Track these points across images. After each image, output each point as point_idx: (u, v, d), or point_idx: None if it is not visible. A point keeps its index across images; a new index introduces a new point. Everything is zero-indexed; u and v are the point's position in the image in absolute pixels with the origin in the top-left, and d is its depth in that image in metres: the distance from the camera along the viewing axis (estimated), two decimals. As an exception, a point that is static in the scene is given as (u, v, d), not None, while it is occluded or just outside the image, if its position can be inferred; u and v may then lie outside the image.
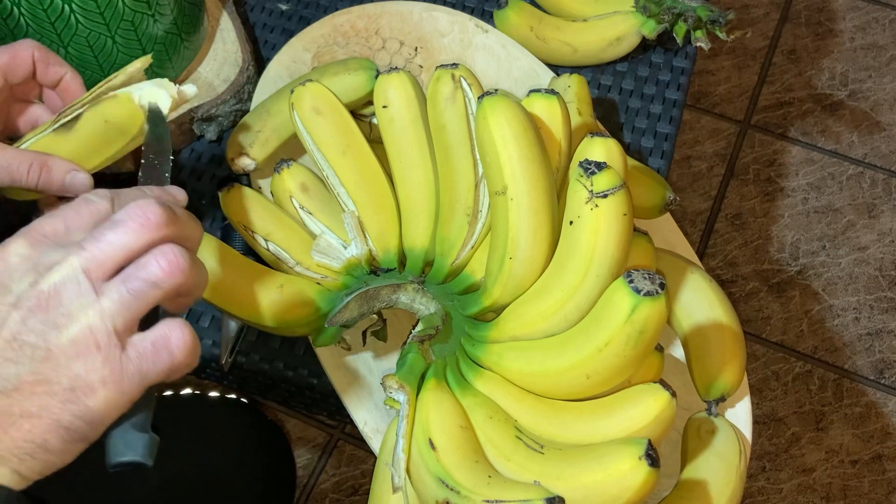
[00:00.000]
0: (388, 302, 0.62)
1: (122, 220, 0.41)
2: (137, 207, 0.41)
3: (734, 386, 0.63)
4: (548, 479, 0.52)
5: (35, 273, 0.40)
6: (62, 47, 0.66)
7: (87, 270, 0.40)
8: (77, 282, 0.39)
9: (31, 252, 0.40)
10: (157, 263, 0.41)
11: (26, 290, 0.39)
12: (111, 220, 0.41)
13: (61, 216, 0.42)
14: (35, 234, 0.41)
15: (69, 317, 0.39)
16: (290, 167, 0.66)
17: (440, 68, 0.67)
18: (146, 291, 0.40)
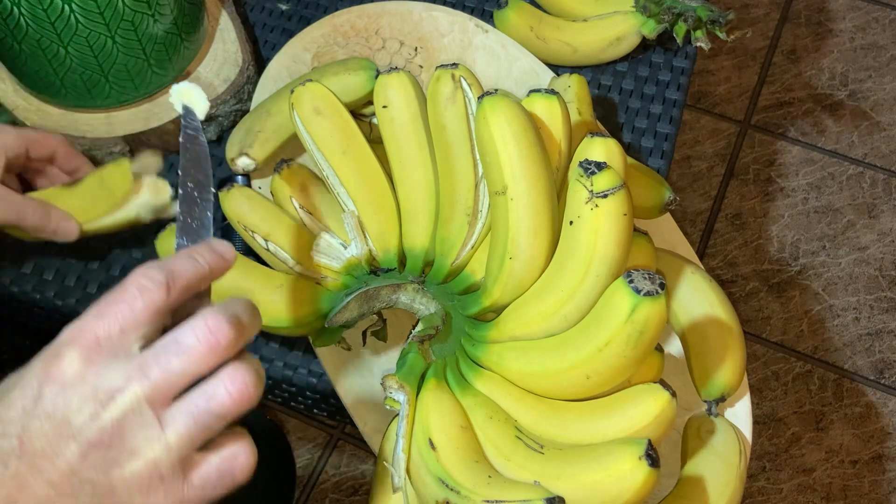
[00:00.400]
0: (388, 302, 0.62)
1: (191, 345, 0.38)
2: (206, 329, 0.38)
3: (734, 386, 0.63)
4: (548, 479, 0.52)
5: (95, 402, 0.37)
6: (62, 47, 0.66)
7: (150, 400, 0.37)
8: (140, 413, 0.37)
9: (85, 369, 0.37)
10: (226, 392, 0.38)
11: (86, 423, 0.37)
12: (176, 340, 0.38)
13: (113, 314, 0.38)
14: (86, 343, 0.38)
15: (133, 452, 0.37)
16: (290, 167, 0.66)
17: (440, 68, 0.67)
18: (213, 423, 0.38)
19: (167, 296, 0.39)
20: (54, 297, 0.70)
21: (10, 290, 0.70)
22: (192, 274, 0.40)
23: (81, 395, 0.37)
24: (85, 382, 0.37)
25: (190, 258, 0.41)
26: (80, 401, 0.37)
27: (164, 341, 0.38)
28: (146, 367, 0.37)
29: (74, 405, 0.37)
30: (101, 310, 0.38)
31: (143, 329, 0.38)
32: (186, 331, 0.38)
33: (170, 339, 0.38)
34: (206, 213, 0.46)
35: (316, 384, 0.67)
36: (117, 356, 0.38)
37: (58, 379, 0.37)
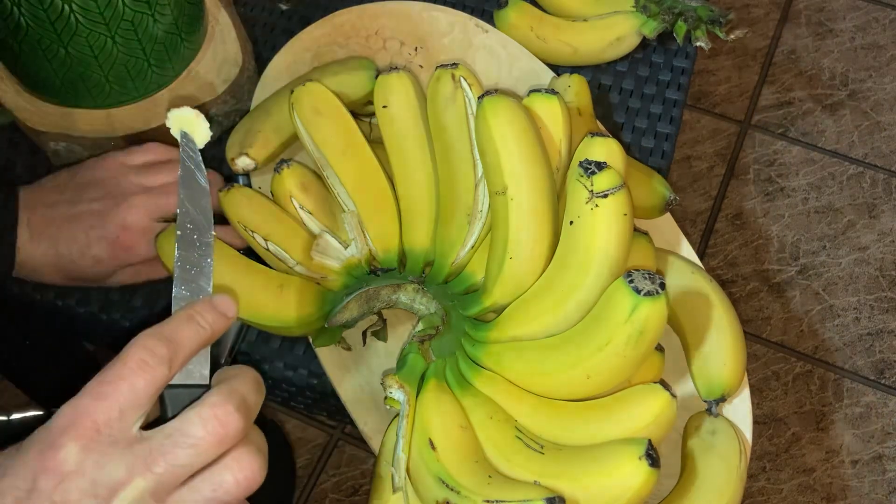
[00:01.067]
0: (388, 302, 0.62)
1: (199, 437, 0.36)
2: (216, 421, 0.36)
3: (734, 386, 0.63)
4: (548, 479, 0.52)
5: (93, 498, 0.35)
6: (62, 47, 0.66)
7: (154, 493, 0.35)
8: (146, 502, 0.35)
9: (85, 461, 0.35)
10: (234, 479, 0.37)
11: None
12: (184, 432, 0.36)
13: (112, 396, 0.36)
14: (85, 432, 0.35)
15: None
16: (290, 167, 0.66)
17: (440, 68, 0.66)
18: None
19: (169, 372, 0.37)
20: (54, 297, 0.70)
21: (10, 290, 0.70)
22: (196, 343, 0.39)
23: (80, 490, 0.35)
24: (84, 475, 0.35)
25: (192, 322, 0.39)
26: (79, 495, 0.35)
27: (169, 430, 0.36)
28: (151, 460, 0.36)
29: (73, 500, 0.35)
30: (100, 390, 0.36)
31: (143, 409, 0.37)
32: (194, 420, 0.36)
33: (176, 428, 0.36)
34: (205, 260, 0.44)
35: (316, 384, 0.67)
36: (117, 444, 0.36)
37: (55, 470, 0.35)
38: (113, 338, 0.72)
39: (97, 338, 0.73)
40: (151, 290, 0.70)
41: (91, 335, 0.73)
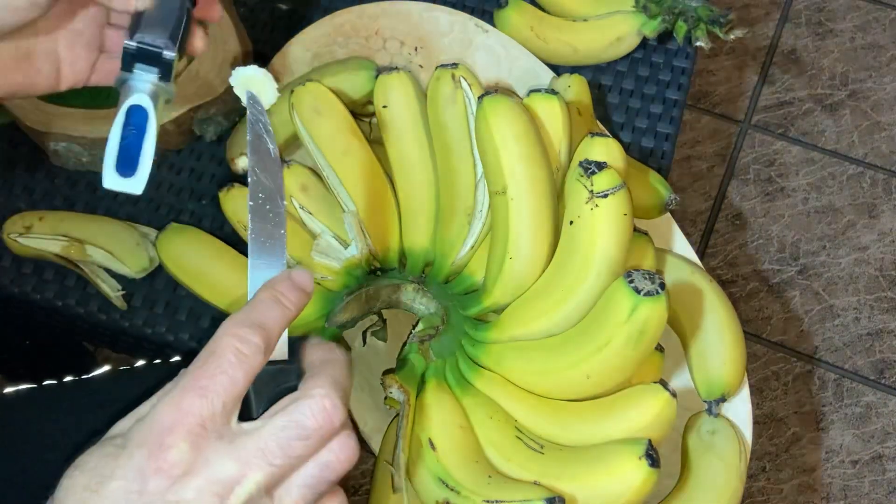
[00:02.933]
0: (388, 302, 0.62)
1: (313, 429, 0.37)
2: (326, 413, 0.37)
3: (734, 386, 0.63)
4: (548, 479, 0.52)
5: (211, 495, 0.35)
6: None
7: (269, 486, 0.36)
8: (260, 496, 0.36)
9: (195, 460, 0.35)
10: (337, 460, 0.38)
11: None
12: (299, 424, 0.36)
13: (214, 390, 0.36)
14: (191, 428, 0.35)
15: None
16: (290, 167, 0.66)
17: (440, 68, 0.66)
18: (325, 489, 0.38)
19: (264, 359, 0.37)
20: (54, 297, 0.70)
21: (10, 290, 0.70)
22: (284, 325, 0.39)
23: (196, 489, 0.35)
24: (197, 474, 0.35)
25: (279, 305, 0.39)
26: (195, 494, 0.35)
27: (282, 422, 0.36)
28: (269, 454, 0.36)
29: (189, 499, 0.34)
30: (201, 385, 0.36)
31: (240, 400, 0.37)
32: (306, 412, 0.37)
33: (291, 421, 0.36)
34: (279, 231, 0.43)
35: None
36: (222, 438, 0.36)
37: (166, 471, 0.34)
38: (113, 338, 0.72)
39: (97, 338, 0.73)
40: (151, 290, 0.70)
41: (91, 335, 0.73)
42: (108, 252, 0.68)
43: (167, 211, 0.73)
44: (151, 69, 0.48)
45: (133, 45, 0.48)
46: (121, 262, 0.68)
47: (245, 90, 0.47)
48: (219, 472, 0.35)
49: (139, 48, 0.48)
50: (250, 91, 0.47)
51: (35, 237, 0.68)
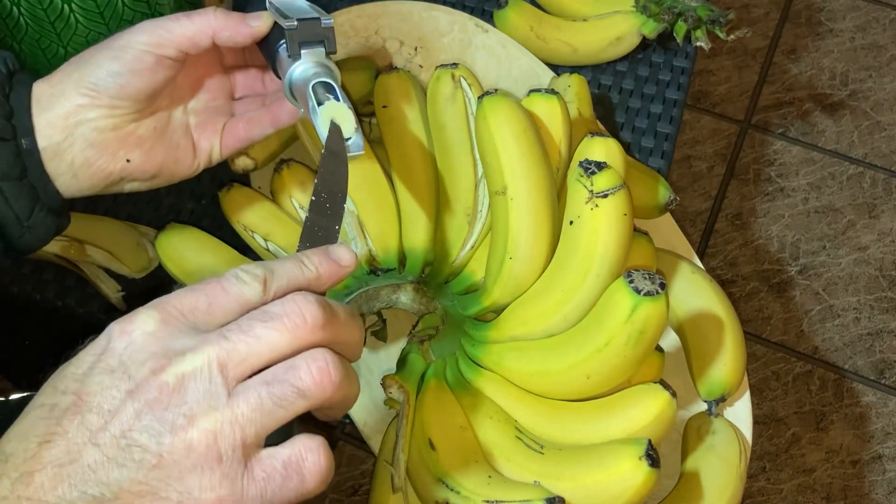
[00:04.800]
0: (388, 302, 0.62)
1: (276, 314, 0.35)
2: (294, 304, 0.36)
3: (734, 386, 0.63)
4: (548, 479, 0.52)
5: (161, 358, 0.34)
6: (62, 47, 0.66)
7: (222, 365, 0.34)
8: (209, 376, 0.34)
9: (161, 330, 0.35)
10: (308, 369, 0.35)
11: (146, 378, 0.34)
12: (262, 310, 0.36)
13: (204, 291, 0.36)
14: (169, 309, 0.35)
15: (191, 418, 0.33)
16: (290, 167, 0.66)
17: (440, 68, 0.66)
18: (290, 400, 0.35)
19: (262, 293, 0.37)
20: (54, 297, 0.70)
21: (10, 290, 0.70)
22: (294, 277, 0.38)
23: (148, 352, 0.34)
24: (157, 340, 0.35)
25: (297, 262, 0.38)
26: (146, 356, 0.34)
27: (249, 314, 0.36)
28: (227, 331, 0.35)
29: (139, 359, 0.34)
30: (193, 286, 0.36)
31: (230, 316, 0.36)
32: (273, 305, 0.36)
33: (257, 311, 0.36)
34: (333, 226, 0.44)
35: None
36: (197, 329, 0.35)
37: (128, 333, 0.35)
38: (113, 338, 0.71)
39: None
40: (150, 291, 0.70)
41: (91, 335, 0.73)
42: (107, 252, 0.68)
43: (167, 211, 0.73)
44: (317, 47, 0.50)
45: (294, 23, 0.49)
46: (121, 262, 0.68)
47: (329, 120, 0.49)
48: (177, 343, 0.35)
49: (299, 22, 0.49)
50: (334, 120, 0.49)
51: (35, 237, 0.68)
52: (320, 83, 0.49)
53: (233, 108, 0.57)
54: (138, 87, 0.49)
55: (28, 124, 0.49)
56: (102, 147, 0.50)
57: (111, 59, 0.49)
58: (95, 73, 0.49)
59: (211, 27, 0.49)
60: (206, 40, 0.50)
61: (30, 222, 0.50)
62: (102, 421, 0.34)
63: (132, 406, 0.34)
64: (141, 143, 0.52)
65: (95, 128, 0.49)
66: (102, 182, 0.51)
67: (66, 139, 0.49)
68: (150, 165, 0.53)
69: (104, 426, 0.34)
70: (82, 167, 0.50)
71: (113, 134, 0.50)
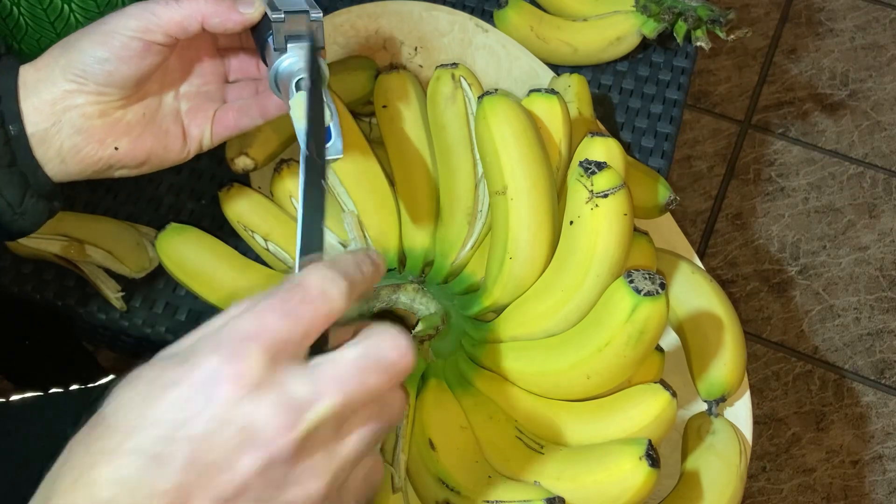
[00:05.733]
0: (388, 302, 0.62)
1: (390, 362, 0.34)
2: (401, 348, 0.34)
3: (734, 386, 0.63)
4: (548, 479, 0.52)
5: (286, 411, 0.32)
6: (62, 47, 0.66)
7: (339, 419, 0.33)
8: (329, 429, 0.33)
9: (273, 374, 0.32)
10: (397, 407, 0.36)
11: (275, 434, 0.32)
12: (378, 357, 0.34)
13: (300, 317, 0.33)
14: (272, 343, 0.32)
15: (315, 474, 0.33)
16: (290, 167, 0.66)
17: (440, 68, 0.66)
18: (381, 436, 0.35)
19: (344, 307, 0.35)
20: (54, 297, 0.70)
21: (9, 290, 0.70)
22: (362, 288, 0.36)
23: (269, 404, 0.32)
24: (270, 390, 0.32)
25: (359, 268, 0.36)
26: (268, 408, 0.32)
27: (360, 351, 0.34)
28: (345, 380, 0.33)
29: (262, 413, 0.32)
30: (285, 308, 0.33)
31: (315, 338, 0.34)
32: (386, 345, 0.34)
33: (370, 352, 0.34)
34: (321, 225, 0.42)
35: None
36: (298, 361, 0.33)
37: (238, 381, 0.32)
38: (112, 338, 0.71)
39: (97, 338, 0.73)
40: (151, 290, 0.70)
41: (91, 335, 0.73)
42: (107, 252, 0.68)
43: (167, 211, 0.73)
44: (304, 41, 0.49)
45: (282, 16, 0.48)
46: (121, 262, 0.68)
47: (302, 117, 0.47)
48: (292, 391, 0.32)
49: (287, 15, 0.48)
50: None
51: (34, 237, 0.68)
52: (304, 80, 0.48)
53: (225, 93, 0.56)
54: (126, 74, 0.48)
55: (15, 110, 0.48)
56: (90, 134, 0.49)
57: (98, 44, 0.48)
58: (82, 60, 0.48)
59: (200, 13, 0.48)
60: (195, 26, 0.48)
61: (21, 209, 0.49)
62: (221, 476, 0.32)
63: (255, 462, 0.32)
64: (129, 129, 0.51)
65: (83, 114, 0.49)
66: (91, 168, 0.51)
67: (53, 125, 0.48)
68: (139, 152, 0.52)
69: (224, 479, 0.32)
70: (70, 153, 0.49)
71: (101, 121, 0.49)
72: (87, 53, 0.48)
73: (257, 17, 0.50)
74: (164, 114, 0.53)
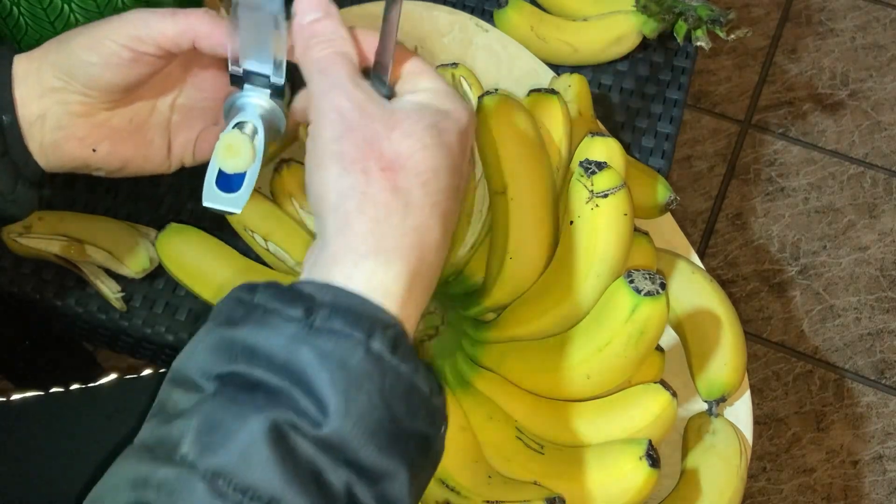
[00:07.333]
0: (388, 302, 0.62)
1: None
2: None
3: (735, 386, 0.63)
4: (548, 479, 0.52)
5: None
6: (62, 47, 0.66)
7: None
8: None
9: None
10: None
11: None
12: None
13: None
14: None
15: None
16: (290, 167, 0.66)
17: (440, 68, 0.66)
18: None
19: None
20: (54, 297, 0.70)
21: (9, 290, 0.70)
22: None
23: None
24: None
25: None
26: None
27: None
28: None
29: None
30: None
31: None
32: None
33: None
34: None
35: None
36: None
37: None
38: (112, 338, 0.71)
39: (97, 338, 0.73)
40: (151, 290, 0.70)
41: (90, 335, 0.73)
42: (107, 252, 0.68)
43: (167, 211, 0.73)
44: (263, 90, 0.47)
45: (239, 70, 0.47)
46: (121, 262, 0.68)
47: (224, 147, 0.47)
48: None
49: (245, 72, 0.47)
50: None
51: (34, 237, 0.68)
52: (244, 124, 0.47)
53: (220, 113, 0.54)
54: (112, 81, 0.48)
55: (9, 99, 0.48)
56: (71, 131, 0.49)
57: (88, 48, 0.47)
58: (70, 61, 0.47)
59: (194, 31, 0.47)
60: (187, 43, 0.47)
61: (13, 196, 0.49)
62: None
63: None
64: (112, 133, 0.50)
65: (68, 112, 0.48)
66: (68, 164, 0.50)
67: (38, 118, 0.48)
68: (115, 159, 0.51)
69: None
70: (51, 147, 0.49)
71: (84, 120, 0.49)
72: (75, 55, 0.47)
73: None
74: (153, 123, 0.52)
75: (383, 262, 0.38)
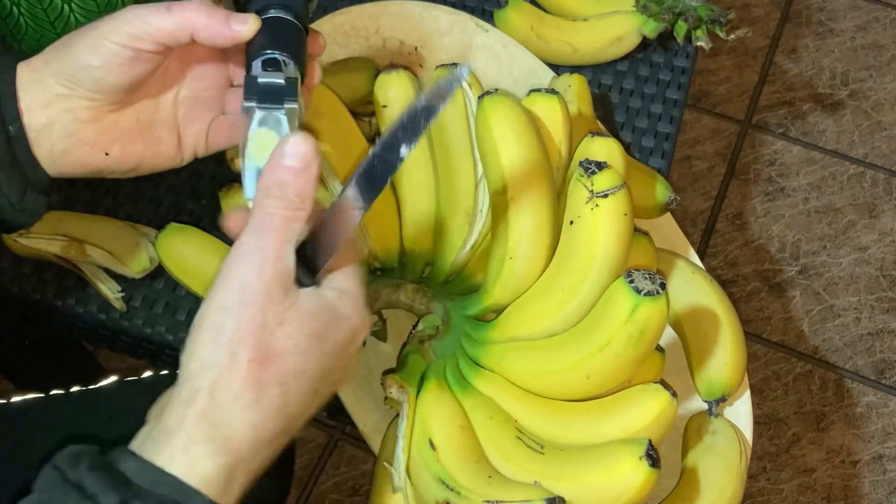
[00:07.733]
0: (388, 302, 0.62)
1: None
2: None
3: (735, 386, 0.63)
4: (548, 479, 0.52)
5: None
6: (62, 47, 0.66)
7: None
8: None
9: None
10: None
11: None
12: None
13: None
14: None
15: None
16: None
17: (440, 68, 0.66)
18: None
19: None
20: (54, 297, 0.70)
21: (9, 290, 0.70)
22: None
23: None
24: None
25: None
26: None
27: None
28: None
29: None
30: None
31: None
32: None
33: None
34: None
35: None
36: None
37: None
38: (112, 338, 0.71)
39: (96, 338, 0.73)
40: (151, 290, 0.70)
41: (90, 335, 0.73)
42: (107, 252, 0.68)
43: (167, 211, 0.73)
44: (277, 105, 0.47)
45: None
46: (121, 262, 0.68)
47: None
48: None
49: (264, 60, 0.47)
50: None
51: (34, 237, 0.68)
52: (266, 117, 0.47)
53: (225, 100, 0.54)
54: (115, 82, 0.47)
55: (14, 110, 0.47)
56: (81, 138, 0.49)
57: (88, 50, 0.47)
58: (72, 66, 0.47)
59: (191, 24, 0.47)
60: (185, 37, 0.47)
61: (22, 205, 0.49)
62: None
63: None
64: (121, 135, 0.50)
65: (75, 118, 0.48)
66: (80, 171, 0.50)
67: (45, 127, 0.48)
68: (129, 158, 0.51)
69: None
70: (61, 156, 0.49)
71: (92, 125, 0.49)
72: (76, 59, 0.47)
73: (249, 36, 0.48)
74: (160, 120, 0.52)
75: (211, 451, 0.38)
